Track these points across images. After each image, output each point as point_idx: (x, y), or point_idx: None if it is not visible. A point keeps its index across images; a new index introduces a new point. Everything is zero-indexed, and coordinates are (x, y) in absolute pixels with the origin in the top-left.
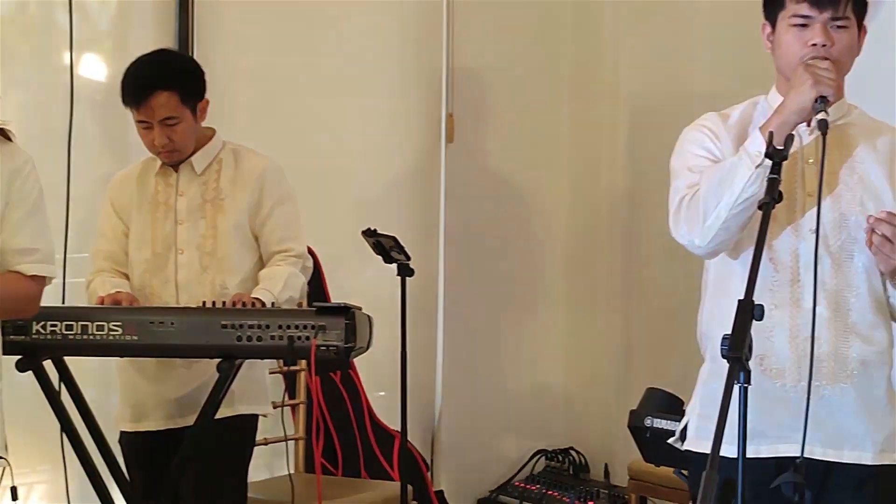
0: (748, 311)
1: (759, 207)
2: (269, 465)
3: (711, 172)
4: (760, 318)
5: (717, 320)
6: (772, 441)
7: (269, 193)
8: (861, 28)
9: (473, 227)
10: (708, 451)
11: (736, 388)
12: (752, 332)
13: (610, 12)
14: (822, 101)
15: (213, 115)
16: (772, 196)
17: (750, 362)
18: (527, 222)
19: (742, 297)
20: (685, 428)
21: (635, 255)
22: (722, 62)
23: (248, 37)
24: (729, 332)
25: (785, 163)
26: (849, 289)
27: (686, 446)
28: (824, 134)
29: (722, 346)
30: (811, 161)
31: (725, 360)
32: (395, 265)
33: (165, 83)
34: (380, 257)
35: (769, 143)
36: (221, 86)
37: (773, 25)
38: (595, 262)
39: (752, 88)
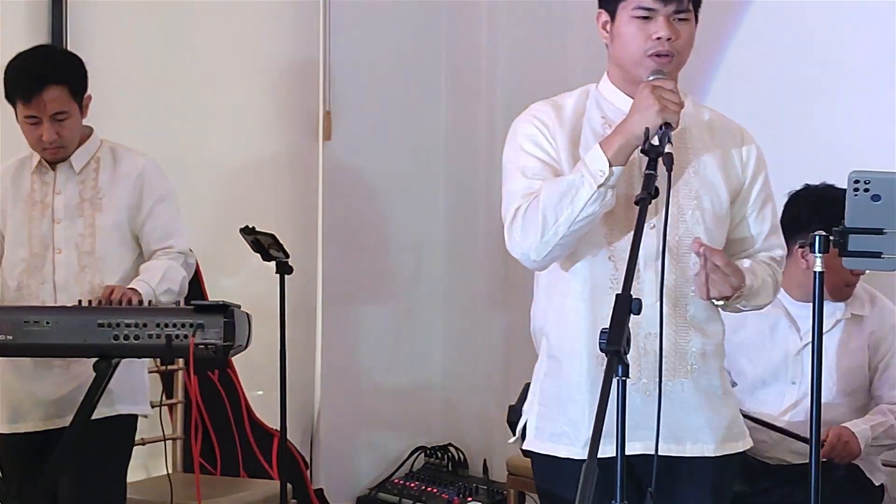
0: (626, 305)
1: (636, 203)
2: (146, 465)
3: (552, 188)
4: (638, 312)
5: (551, 318)
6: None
7: (149, 192)
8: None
9: (352, 224)
10: (549, 452)
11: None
12: (591, 331)
13: (486, 9)
14: (667, 128)
15: (90, 113)
16: (648, 192)
17: (590, 363)
18: (405, 220)
19: (617, 293)
20: (525, 427)
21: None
22: (598, 58)
23: (122, 34)
24: (569, 329)
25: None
26: (686, 283)
27: (526, 446)
28: (669, 169)
29: (601, 339)
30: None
31: (575, 358)
32: (273, 263)
33: (57, 77)
34: (258, 255)
35: (645, 139)
36: (97, 83)
37: (612, 15)
38: (474, 260)
39: None
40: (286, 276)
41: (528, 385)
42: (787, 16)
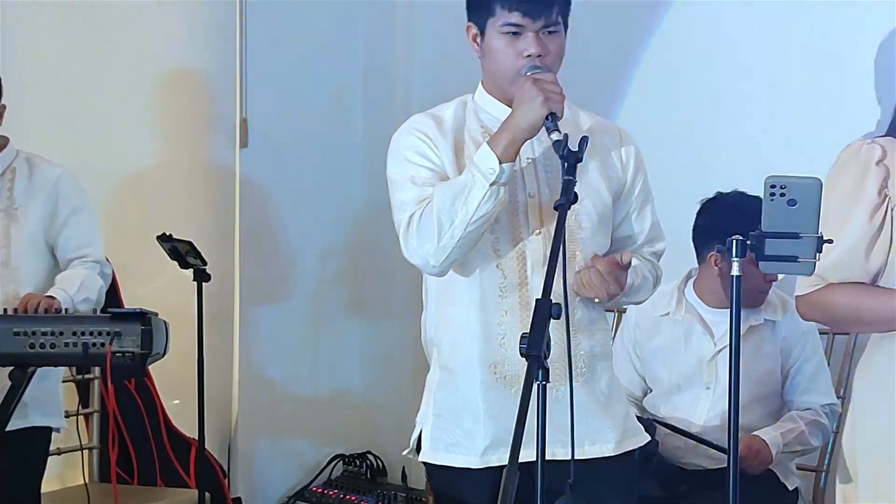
0: (546, 310)
1: (555, 208)
2: (61, 475)
3: (444, 190)
4: (558, 317)
5: (443, 328)
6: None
7: (64, 202)
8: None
9: (270, 231)
10: (445, 462)
11: (535, 386)
12: (483, 340)
13: (403, 15)
14: (553, 118)
15: (4, 122)
16: (567, 197)
17: (483, 371)
18: (322, 227)
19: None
20: (419, 439)
21: None
22: None
23: (35, 43)
24: (461, 338)
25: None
26: (570, 288)
27: (422, 458)
28: (562, 157)
29: (521, 344)
30: (529, 160)
31: (467, 367)
32: (191, 270)
33: None
34: (176, 263)
35: (564, 145)
36: (12, 93)
37: (482, 30)
38: (391, 268)
39: None
40: (204, 284)
41: None
42: (704, 19)
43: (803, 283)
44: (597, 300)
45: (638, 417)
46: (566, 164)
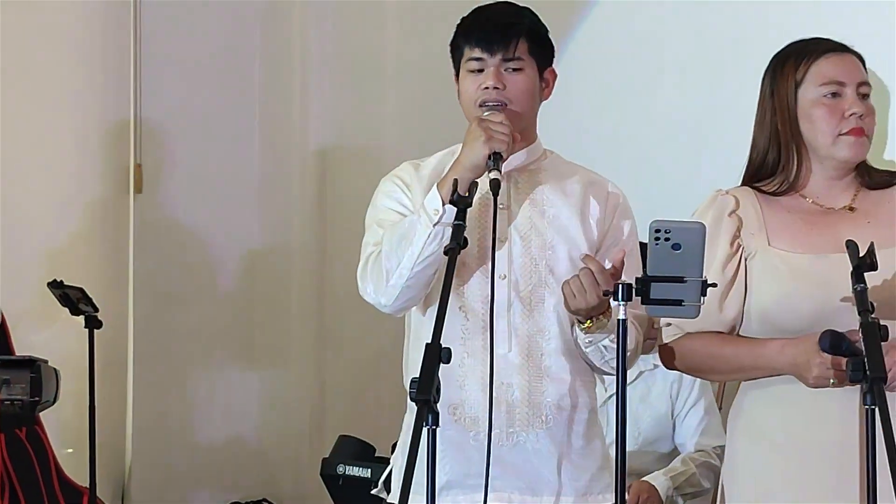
0: (435, 354)
1: (445, 253)
2: None
3: (392, 231)
4: (448, 361)
5: (413, 369)
6: (469, 490)
7: None
8: (545, 70)
9: (163, 278)
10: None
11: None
12: (446, 381)
13: (298, 63)
14: (496, 158)
15: None
16: (457, 241)
17: (444, 412)
18: (217, 273)
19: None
20: (388, 478)
21: (328, 305)
22: (411, 113)
23: None
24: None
25: (474, 210)
26: (541, 333)
27: (390, 499)
28: (495, 194)
29: (410, 389)
30: (501, 207)
31: (439, 407)
32: (82, 317)
33: None
34: (67, 310)
35: (454, 191)
36: None
37: (457, 73)
38: (288, 312)
39: (440, 138)
40: (96, 331)
41: (342, 437)
42: (626, 18)
43: (664, 334)
44: (584, 317)
45: None
46: (458, 209)
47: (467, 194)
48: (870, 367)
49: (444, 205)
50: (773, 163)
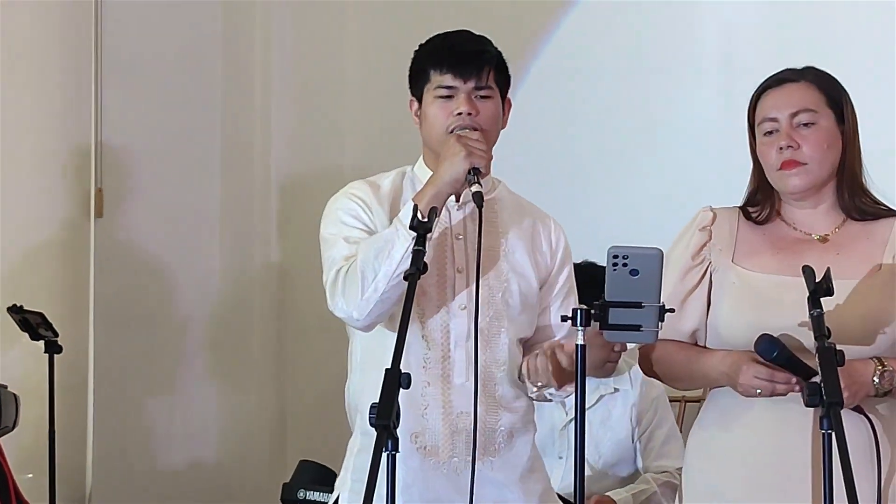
0: (395, 380)
1: (405, 278)
2: None
3: (368, 244)
4: (407, 387)
5: (367, 392)
6: None
7: None
8: (505, 99)
9: (125, 302)
10: None
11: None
12: (408, 408)
13: (259, 87)
14: (475, 173)
15: None
16: (417, 267)
17: (405, 440)
18: (178, 297)
19: (388, 367)
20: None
21: (288, 329)
22: (371, 137)
23: None
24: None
25: (435, 239)
26: (496, 364)
27: None
28: (480, 206)
29: (370, 414)
30: (460, 237)
31: (417, 432)
32: (42, 342)
33: None
34: (27, 334)
35: (413, 216)
36: None
37: (420, 100)
38: (247, 337)
39: (400, 162)
40: (56, 356)
41: (302, 462)
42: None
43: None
44: (539, 385)
45: None
46: (418, 234)
47: (427, 220)
48: (826, 392)
49: (412, 220)
50: (755, 193)
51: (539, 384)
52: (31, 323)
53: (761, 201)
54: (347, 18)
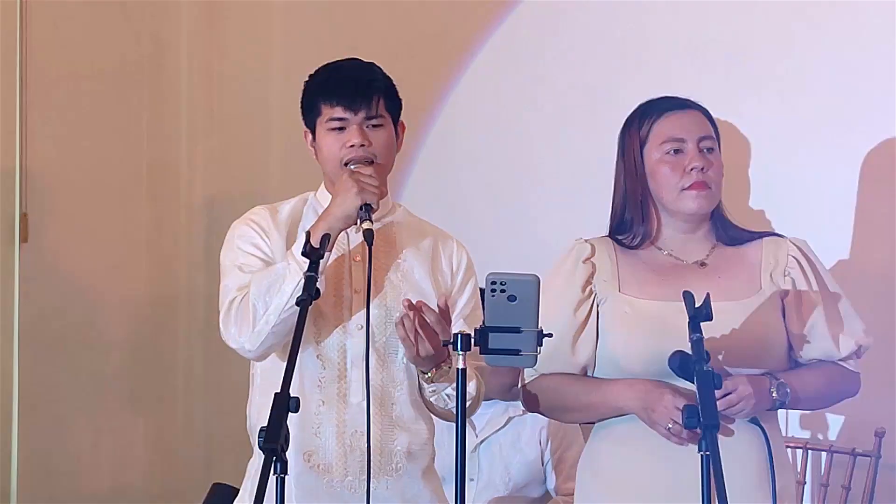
0: (284, 404)
1: (297, 304)
2: None
3: (261, 277)
4: (296, 410)
5: (264, 416)
6: None
7: None
8: (398, 123)
9: (50, 327)
10: None
11: (273, 478)
12: (299, 428)
13: (185, 110)
14: (367, 209)
15: None
16: (309, 293)
17: (299, 459)
18: (104, 320)
19: (278, 391)
20: None
21: (213, 352)
22: (296, 158)
23: None
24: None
25: (334, 261)
26: (393, 384)
27: None
28: (370, 244)
29: (259, 437)
30: (358, 259)
31: (290, 451)
32: None
33: None
34: None
35: (306, 243)
36: None
37: (313, 131)
38: (174, 358)
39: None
40: None
41: (215, 484)
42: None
43: (524, 375)
44: (425, 368)
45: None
46: (311, 260)
47: (319, 247)
48: (703, 415)
49: (305, 246)
50: (629, 220)
51: (425, 370)
52: None
53: (632, 226)
54: (273, 38)
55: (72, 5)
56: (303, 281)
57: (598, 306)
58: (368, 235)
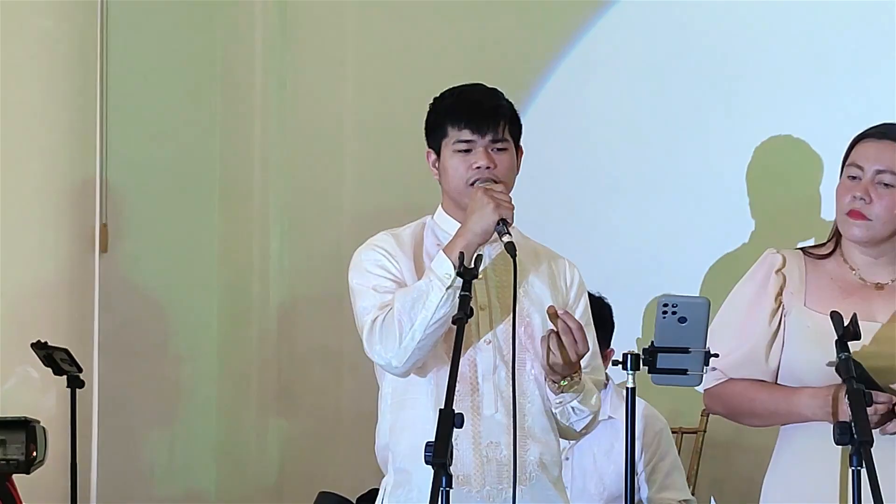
0: (449, 420)
1: (454, 322)
2: None
3: (404, 294)
4: (461, 426)
5: (399, 430)
6: None
7: None
8: (518, 148)
9: (128, 336)
10: None
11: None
12: None
13: (259, 123)
14: (504, 224)
15: None
16: (464, 311)
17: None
18: (180, 330)
19: (442, 407)
20: None
21: (287, 362)
22: (370, 171)
23: None
24: (418, 441)
25: None
26: (523, 395)
27: None
28: (514, 256)
29: (426, 452)
30: (480, 277)
31: (424, 467)
32: (65, 377)
33: None
34: (39, 367)
35: (460, 263)
36: None
37: (438, 152)
38: (247, 369)
39: (401, 196)
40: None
41: (322, 494)
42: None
43: (708, 378)
44: (559, 378)
45: None
46: (464, 280)
47: (473, 266)
48: (857, 432)
49: (454, 268)
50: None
51: (556, 380)
52: (55, 358)
53: (832, 236)
54: (347, 54)
55: (151, 19)
56: (446, 296)
57: (784, 317)
58: (511, 249)
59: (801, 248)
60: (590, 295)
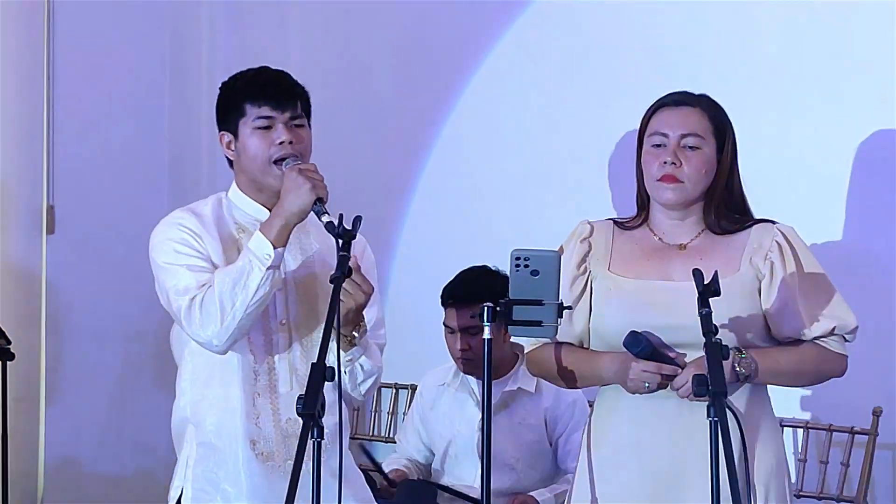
0: (321, 372)
1: (331, 282)
2: None
3: (224, 275)
4: (332, 379)
5: (206, 407)
6: None
7: None
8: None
9: (75, 315)
10: None
11: (310, 443)
12: (244, 418)
13: (206, 111)
14: (320, 203)
15: None
16: (342, 271)
17: (246, 447)
18: (126, 309)
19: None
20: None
21: None
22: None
23: None
24: (226, 417)
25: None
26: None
27: None
28: (335, 235)
29: (297, 404)
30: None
31: (230, 442)
32: None
33: None
34: None
35: (339, 224)
36: None
37: (235, 134)
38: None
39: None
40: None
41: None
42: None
43: (528, 344)
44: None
45: (423, 481)
46: (340, 242)
47: (351, 228)
48: (712, 383)
49: (274, 248)
50: (637, 202)
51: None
52: None
53: (637, 208)
54: (290, 43)
55: (97, 5)
56: (266, 276)
57: (591, 283)
58: (331, 228)
59: (612, 219)
60: (489, 270)
